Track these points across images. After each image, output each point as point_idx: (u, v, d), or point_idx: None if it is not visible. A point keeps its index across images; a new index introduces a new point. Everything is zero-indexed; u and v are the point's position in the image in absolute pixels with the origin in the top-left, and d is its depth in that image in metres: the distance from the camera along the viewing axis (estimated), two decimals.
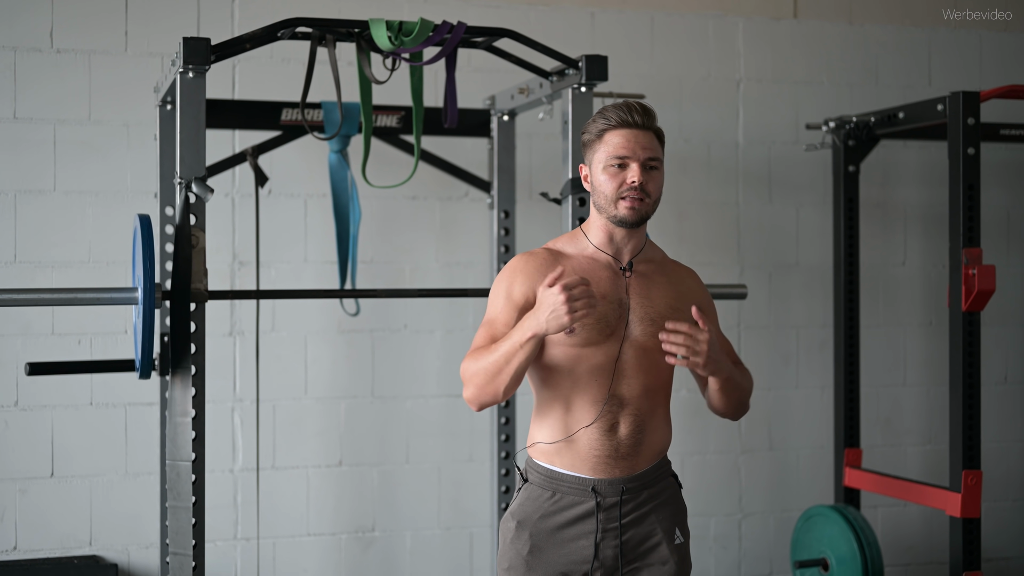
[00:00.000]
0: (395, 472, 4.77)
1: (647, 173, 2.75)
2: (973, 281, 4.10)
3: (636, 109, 2.76)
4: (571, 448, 2.77)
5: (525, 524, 2.81)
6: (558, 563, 2.79)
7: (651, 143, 2.76)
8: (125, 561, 4.48)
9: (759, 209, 5.17)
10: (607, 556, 2.78)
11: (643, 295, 2.79)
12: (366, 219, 4.61)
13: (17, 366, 4.36)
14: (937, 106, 4.26)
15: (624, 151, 2.74)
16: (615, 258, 2.82)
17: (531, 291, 2.76)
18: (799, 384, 5.22)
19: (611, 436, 2.75)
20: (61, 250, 4.42)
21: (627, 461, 2.77)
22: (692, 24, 5.11)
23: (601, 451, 2.75)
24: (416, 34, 3.43)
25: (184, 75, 3.37)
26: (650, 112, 2.78)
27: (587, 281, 2.59)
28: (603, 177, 2.76)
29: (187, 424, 3.40)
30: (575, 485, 2.77)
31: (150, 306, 3.32)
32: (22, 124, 4.39)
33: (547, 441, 2.80)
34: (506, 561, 2.84)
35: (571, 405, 2.77)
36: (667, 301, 2.80)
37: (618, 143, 2.75)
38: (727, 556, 5.15)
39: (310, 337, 4.68)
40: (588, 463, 2.76)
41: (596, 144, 2.79)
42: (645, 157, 2.75)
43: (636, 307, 2.78)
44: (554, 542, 2.79)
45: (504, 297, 2.79)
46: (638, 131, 2.75)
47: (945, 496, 4.20)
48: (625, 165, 2.74)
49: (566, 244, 2.87)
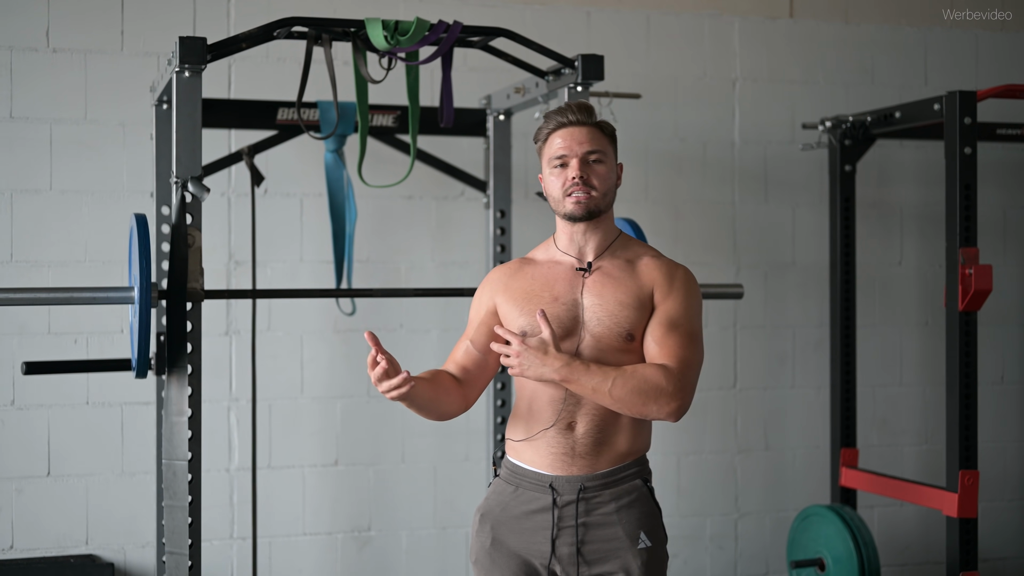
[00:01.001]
0: (391, 472, 4.77)
1: (588, 167, 2.81)
2: (970, 281, 4.10)
3: (572, 108, 2.84)
4: (532, 444, 2.82)
5: (487, 517, 2.87)
6: (519, 554, 2.82)
7: (590, 137, 2.83)
8: (121, 560, 4.48)
9: (755, 209, 5.18)
10: (563, 554, 2.79)
11: (596, 293, 2.82)
12: (362, 218, 4.60)
13: (13, 365, 4.36)
14: (934, 105, 4.26)
15: (563, 149, 2.82)
16: (578, 258, 2.87)
17: (491, 301, 2.90)
18: (795, 384, 5.22)
19: (568, 434, 2.79)
20: (57, 249, 4.41)
21: (585, 460, 2.79)
22: (688, 23, 5.11)
23: (558, 448, 2.79)
24: (412, 33, 3.43)
25: (180, 74, 3.37)
26: (587, 108, 2.86)
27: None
28: (550, 178, 2.85)
29: (183, 423, 3.40)
30: (534, 481, 2.82)
31: (146, 305, 3.32)
32: (18, 123, 4.38)
33: (515, 439, 2.87)
34: (473, 554, 2.90)
35: (533, 404, 2.82)
36: (617, 298, 2.80)
37: (559, 144, 2.83)
38: (723, 556, 5.15)
39: (306, 337, 4.68)
40: (547, 459, 2.80)
41: (543, 149, 2.88)
42: (583, 152, 2.81)
43: (589, 307, 2.81)
44: (514, 534, 2.83)
45: (473, 311, 2.95)
46: (575, 128, 2.83)
47: (942, 496, 4.20)
48: (566, 163, 2.82)
49: (539, 251, 2.96)
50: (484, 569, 2.85)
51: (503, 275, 2.92)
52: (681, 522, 5.07)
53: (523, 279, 2.87)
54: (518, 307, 2.82)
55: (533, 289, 2.84)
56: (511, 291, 2.86)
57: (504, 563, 2.82)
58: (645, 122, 4.99)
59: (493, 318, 2.88)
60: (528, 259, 2.94)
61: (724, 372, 5.14)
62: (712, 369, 5.10)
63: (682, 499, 5.09)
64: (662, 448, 5.03)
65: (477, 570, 2.88)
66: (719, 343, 5.12)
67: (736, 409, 5.16)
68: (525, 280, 2.87)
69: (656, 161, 5.05)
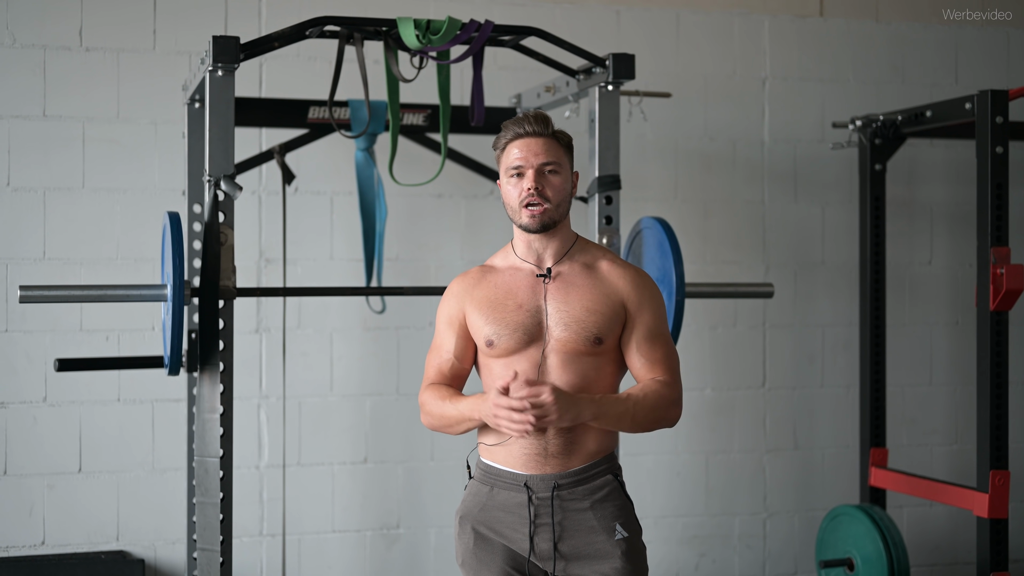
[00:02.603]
0: (420, 469, 4.78)
1: (543, 178, 2.82)
2: (1001, 280, 4.08)
3: (529, 119, 2.84)
4: (506, 447, 2.85)
5: (467, 518, 2.90)
6: (503, 544, 2.86)
7: (546, 148, 2.83)
8: (152, 557, 4.51)
9: (785, 208, 5.16)
10: (543, 550, 2.83)
11: (560, 299, 2.84)
12: (392, 216, 4.62)
13: (46, 362, 4.39)
14: (965, 104, 4.24)
15: (519, 160, 2.82)
16: (537, 265, 2.89)
17: (460, 311, 2.90)
18: (824, 383, 5.20)
19: (539, 436, 2.81)
20: (89, 247, 4.44)
21: (558, 459, 2.82)
22: (717, 22, 5.10)
23: (531, 450, 2.82)
24: (444, 32, 3.44)
25: (213, 73, 3.39)
26: (543, 119, 2.85)
27: (523, 406, 2.64)
28: (507, 188, 2.86)
29: (215, 420, 3.42)
30: (509, 480, 2.85)
31: (179, 303, 3.34)
32: (51, 122, 4.41)
33: (488, 443, 2.89)
34: (459, 557, 2.93)
35: None
36: (583, 303, 2.83)
37: (515, 154, 2.83)
38: (752, 555, 5.14)
39: (336, 334, 4.69)
40: (520, 460, 2.83)
41: (500, 158, 2.88)
42: (539, 163, 2.81)
43: (553, 312, 2.83)
44: (495, 528, 2.86)
45: (444, 323, 2.94)
46: (531, 139, 2.83)
47: (972, 496, 4.18)
48: (522, 174, 2.82)
49: (498, 258, 2.96)
50: (472, 569, 2.89)
51: (467, 284, 2.92)
52: (709, 521, 5.06)
53: (486, 287, 2.89)
54: (484, 316, 2.84)
55: (497, 297, 2.86)
56: (476, 300, 2.88)
57: (490, 559, 2.86)
58: (675, 121, 4.99)
59: (466, 329, 2.91)
60: (488, 267, 2.95)
61: (753, 371, 5.13)
62: (741, 368, 5.10)
63: (711, 498, 5.08)
64: (689, 447, 5.03)
65: (464, 571, 2.92)
66: (748, 342, 5.12)
67: (765, 408, 5.15)
68: (488, 288, 2.88)
69: (686, 160, 5.04)
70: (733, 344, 5.10)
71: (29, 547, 4.40)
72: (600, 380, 2.85)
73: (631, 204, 4.57)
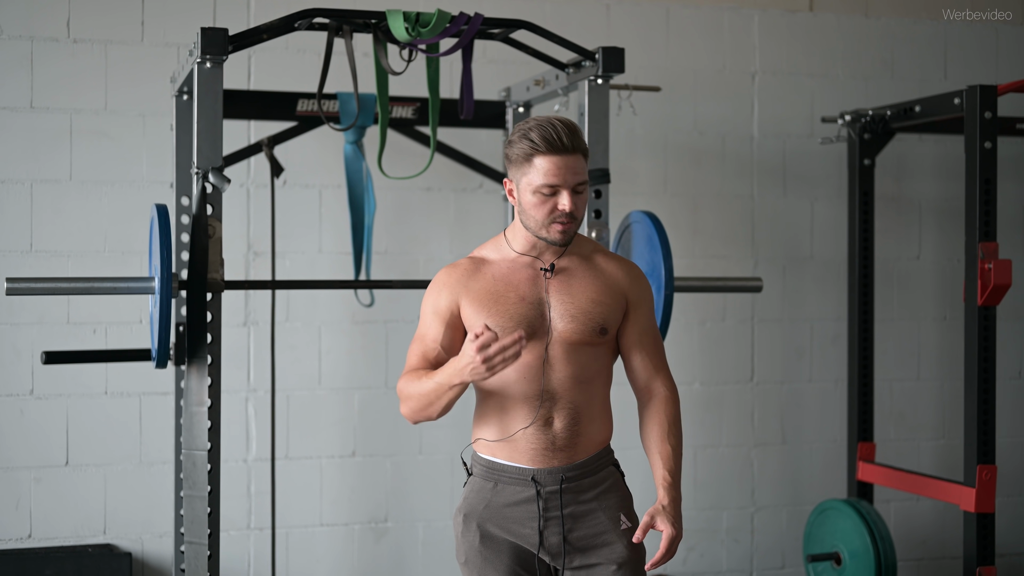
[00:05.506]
0: (408, 463, 4.78)
1: (576, 197, 2.75)
2: (989, 275, 4.09)
3: (562, 132, 2.71)
4: (510, 442, 2.82)
5: (472, 516, 2.87)
6: (510, 541, 2.84)
7: (579, 165, 2.74)
8: (139, 550, 4.50)
9: (774, 202, 5.17)
10: (552, 543, 2.82)
11: (563, 292, 2.82)
12: (381, 210, 4.61)
13: (33, 355, 4.38)
14: (954, 100, 4.24)
15: (555, 179, 2.71)
16: (536, 258, 2.85)
17: (454, 303, 2.82)
18: (813, 378, 5.21)
19: (547, 430, 2.80)
20: (77, 239, 4.43)
21: (564, 452, 2.82)
22: (707, 17, 5.10)
23: (538, 444, 2.80)
24: (433, 25, 3.43)
25: (202, 65, 3.38)
26: (577, 132, 2.75)
27: (496, 337, 2.60)
28: (533, 200, 2.75)
29: (203, 413, 3.41)
30: (515, 475, 2.83)
31: (167, 296, 3.33)
32: (38, 113, 4.40)
33: (489, 439, 2.86)
34: (462, 555, 2.89)
35: (506, 404, 2.82)
36: (588, 295, 2.82)
37: (548, 170, 2.71)
38: (739, 549, 5.15)
39: (324, 328, 4.69)
40: (527, 455, 2.81)
41: (524, 166, 2.74)
42: (575, 183, 2.73)
43: (556, 304, 2.81)
44: (502, 524, 2.84)
45: (431, 313, 2.84)
46: (567, 156, 2.71)
47: (959, 491, 4.19)
48: (556, 191, 2.73)
49: (489, 250, 2.90)
50: (476, 568, 2.86)
51: (461, 276, 2.84)
52: (697, 515, 5.07)
53: (483, 280, 2.83)
54: (484, 308, 2.79)
55: (497, 290, 2.81)
56: (473, 292, 2.81)
57: (496, 557, 2.84)
58: (664, 115, 4.99)
59: (458, 320, 2.83)
60: (480, 259, 2.88)
61: (741, 366, 5.13)
62: (730, 363, 5.10)
63: (699, 492, 5.09)
64: None
65: (468, 570, 2.88)
66: (737, 336, 5.12)
67: (753, 403, 5.15)
68: (486, 281, 2.82)
69: (675, 154, 5.04)
70: (722, 338, 5.11)
71: (16, 540, 4.38)
72: (597, 369, 2.85)
73: (620, 198, 4.57)
